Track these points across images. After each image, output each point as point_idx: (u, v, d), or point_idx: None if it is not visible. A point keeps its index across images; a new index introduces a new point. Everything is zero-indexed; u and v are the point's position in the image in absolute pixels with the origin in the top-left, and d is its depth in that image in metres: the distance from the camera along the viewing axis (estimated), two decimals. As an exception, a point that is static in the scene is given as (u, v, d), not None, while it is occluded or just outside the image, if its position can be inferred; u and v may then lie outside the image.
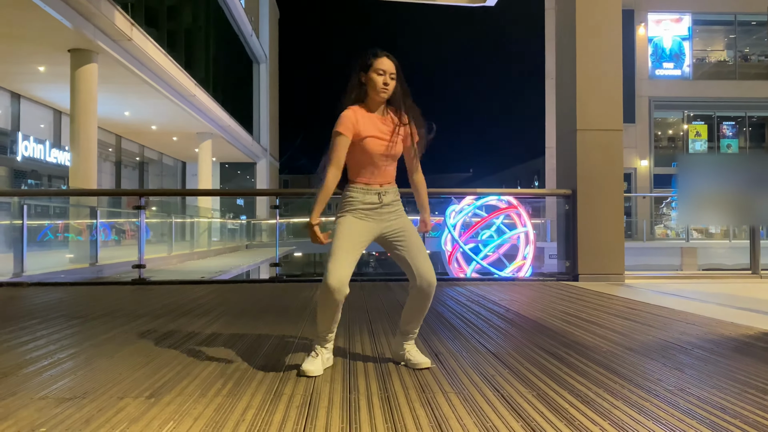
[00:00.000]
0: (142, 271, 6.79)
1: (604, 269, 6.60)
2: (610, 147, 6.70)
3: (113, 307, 4.70)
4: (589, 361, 2.83)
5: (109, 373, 2.61)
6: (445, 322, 3.96)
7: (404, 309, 2.78)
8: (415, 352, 2.74)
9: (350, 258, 2.57)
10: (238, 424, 1.95)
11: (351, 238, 2.61)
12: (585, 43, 6.74)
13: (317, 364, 2.59)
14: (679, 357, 2.92)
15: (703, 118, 27.69)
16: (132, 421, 1.97)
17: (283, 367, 2.71)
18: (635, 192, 26.56)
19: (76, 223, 12.99)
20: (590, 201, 6.64)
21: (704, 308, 4.67)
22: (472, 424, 1.94)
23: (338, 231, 2.62)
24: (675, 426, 1.93)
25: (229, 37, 28.12)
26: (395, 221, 2.72)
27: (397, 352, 2.79)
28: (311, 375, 2.53)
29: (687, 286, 6.42)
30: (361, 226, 2.65)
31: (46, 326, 3.81)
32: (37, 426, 1.93)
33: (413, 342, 2.79)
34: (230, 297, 5.41)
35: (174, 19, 19.24)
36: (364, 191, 2.67)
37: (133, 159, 25.50)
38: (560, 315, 4.24)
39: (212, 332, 3.59)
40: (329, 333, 2.66)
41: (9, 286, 6.68)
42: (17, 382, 2.48)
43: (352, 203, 2.66)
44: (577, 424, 1.93)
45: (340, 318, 2.66)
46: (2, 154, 15.63)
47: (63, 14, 10.89)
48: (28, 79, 15.09)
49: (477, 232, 9.57)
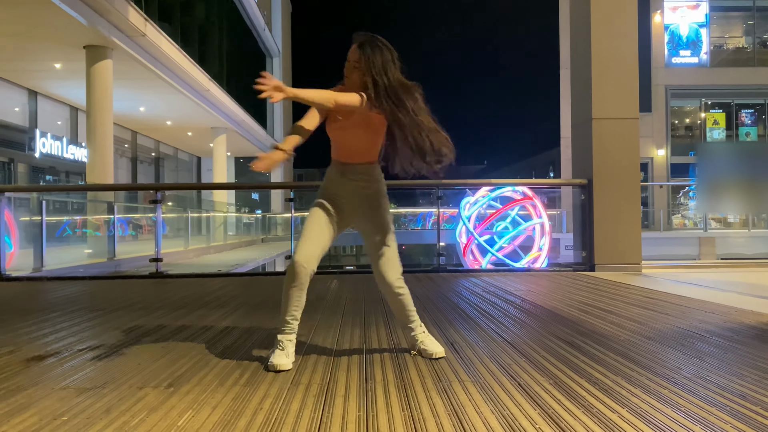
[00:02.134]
0: (159, 264, 6.85)
1: (620, 259, 6.55)
2: (626, 136, 6.64)
3: (131, 300, 4.75)
4: (606, 349, 2.81)
5: (129, 363, 2.64)
6: (461, 312, 3.96)
7: (390, 305, 2.77)
8: (429, 341, 2.71)
9: (318, 237, 2.60)
10: (256, 412, 1.97)
11: (320, 217, 2.63)
12: (600, 29, 6.66)
13: (284, 357, 2.53)
14: (698, 345, 2.89)
15: (721, 106, 27.32)
16: (151, 410, 1.99)
17: (299, 357, 2.72)
18: (652, 181, 26.29)
19: (93, 218, 13.13)
20: (606, 190, 6.59)
21: (723, 297, 4.62)
22: (489, 412, 1.94)
23: (310, 212, 2.67)
24: (694, 413, 1.91)
25: (242, 31, 28.17)
26: (367, 206, 2.69)
27: (412, 343, 2.77)
28: (282, 369, 2.46)
29: (705, 275, 6.35)
30: (330, 207, 2.66)
31: (66, 319, 3.86)
32: (58, 415, 1.96)
33: (424, 331, 2.76)
34: (246, 290, 5.45)
35: (187, 14, 19.30)
36: (334, 168, 2.72)
37: (148, 154, 25.70)
38: (577, 304, 4.22)
39: (229, 324, 3.61)
40: (294, 320, 2.61)
41: (29, 280, 6.78)
42: (39, 372, 2.52)
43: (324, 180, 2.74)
44: (595, 412, 1.92)
45: (304, 304, 2.63)
46: (21, 151, 15.83)
47: (78, 11, 10.97)
48: (44, 76, 15.25)
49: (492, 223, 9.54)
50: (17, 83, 15.90)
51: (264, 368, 2.52)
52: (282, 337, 2.60)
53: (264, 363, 2.60)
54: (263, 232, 29.10)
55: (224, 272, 9.38)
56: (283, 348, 2.57)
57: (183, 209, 18.84)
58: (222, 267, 15.13)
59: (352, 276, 6.40)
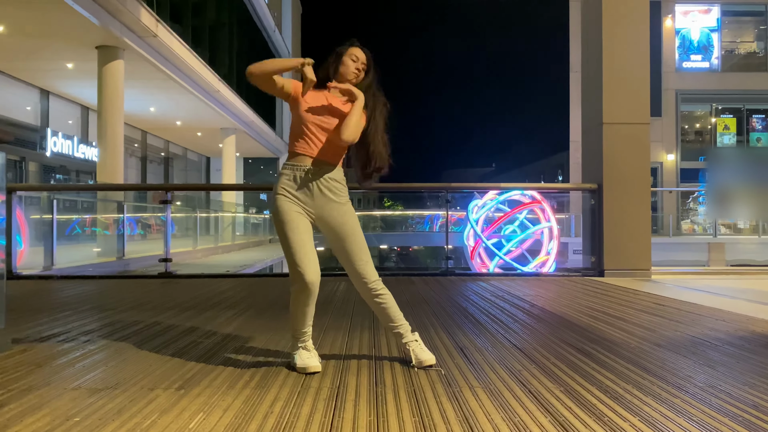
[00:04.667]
0: (169, 264, 6.88)
1: (630, 264, 6.52)
2: (636, 140, 6.61)
3: (141, 300, 4.77)
4: (616, 356, 2.80)
5: (140, 364, 2.66)
6: (470, 316, 3.95)
7: (374, 312, 2.72)
8: (419, 350, 2.63)
9: (311, 247, 2.56)
10: (266, 416, 1.97)
11: (298, 226, 2.54)
12: (611, 33, 6.64)
13: (315, 359, 2.56)
14: (709, 353, 2.87)
15: (731, 111, 27.11)
16: (163, 412, 2.00)
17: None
18: (661, 186, 26.13)
19: (103, 217, 13.21)
20: (616, 195, 6.56)
21: (734, 304, 4.59)
22: (500, 419, 1.94)
23: (282, 222, 2.55)
24: (707, 423, 1.90)
25: (252, 32, 28.26)
26: (334, 208, 2.61)
27: (407, 353, 2.67)
28: (315, 371, 2.49)
29: (715, 282, 6.31)
30: (298, 209, 2.58)
31: (76, 318, 3.88)
32: (71, 415, 1.97)
33: (414, 339, 2.66)
34: (255, 290, 5.46)
35: (198, 15, 19.38)
36: (293, 167, 2.59)
37: (158, 154, 25.82)
38: (586, 310, 4.20)
39: (238, 325, 3.62)
40: (310, 327, 2.64)
41: (40, 279, 6.82)
42: (51, 372, 2.54)
43: (283, 179, 2.60)
44: (607, 420, 1.92)
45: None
46: (32, 150, 15.93)
47: (90, 11, 11.05)
48: (56, 75, 15.36)
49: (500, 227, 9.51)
50: (30, 82, 16.02)
51: (291, 370, 2.55)
52: (302, 344, 2.62)
53: (275, 365, 2.61)
54: (271, 233, 29.13)
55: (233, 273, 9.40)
56: (309, 349, 2.60)
57: (192, 209, 18.89)
58: (230, 267, 15.17)
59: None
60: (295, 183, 2.58)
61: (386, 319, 2.68)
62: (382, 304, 2.64)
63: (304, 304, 2.55)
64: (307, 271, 2.49)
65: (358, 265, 2.61)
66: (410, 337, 2.67)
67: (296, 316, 2.60)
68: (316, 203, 2.60)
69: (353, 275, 2.63)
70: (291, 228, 2.54)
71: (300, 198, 2.58)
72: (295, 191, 2.58)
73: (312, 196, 2.59)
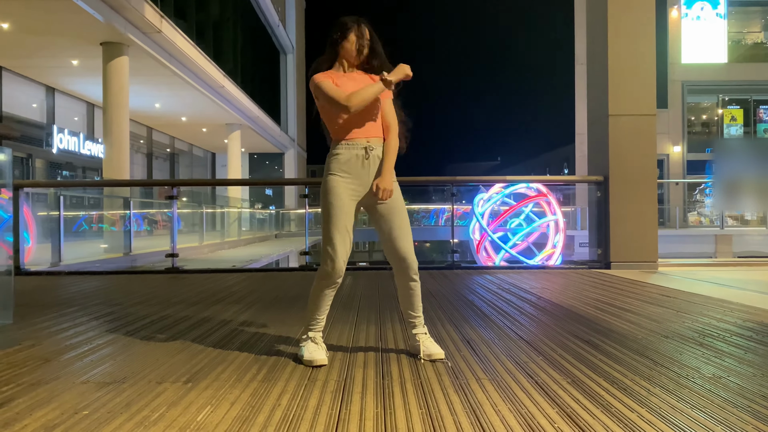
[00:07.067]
0: (175, 260, 6.90)
1: (636, 257, 6.50)
2: (643, 132, 6.58)
3: (148, 295, 4.79)
4: (624, 348, 2.79)
5: (147, 358, 2.67)
6: (477, 309, 3.95)
7: (399, 296, 2.73)
8: (429, 343, 2.65)
9: (348, 235, 2.58)
10: (274, 408, 1.98)
11: (342, 210, 2.56)
12: (617, 24, 6.60)
13: (322, 352, 2.57)
14: (717, 344, 2.86)
15: (738, 102, 26.95)
16: (171, 405, 2.01)
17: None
18: (667, 178, 26.01)
19: (109, 213, 13.26)
20: (623, 187, 6.53)
21: (741, 296, 4.57)
22: (508, 410, 1.94)
23: (329, 205, 2.57)
24: (715, 413, 1.89)
25: (256, 27, 28.24)
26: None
27: (414, 345, 2.68)
28: (322, 364, 2.50)
29: (723, 273, 6.29)
30: (349, 192, 2.58)
31: (84, 313, 3.90)
32: (80, 409, 1.99)
33: (425, 332, 2.68)
34: (261, 285, 5.47)
35: (202, 11, 19.38)
36: (350, 146, 2.60)
37: (163, 150, 25.87)
38: (593, 302, 4.19)
39: (245, 319, 3.63)
40: (323, 316, 2.67)
41: (47, 275, 6.86)
42: (59, 366, 2.55)
43: (339, 160, 2.60)
44: (615, 411, 1.91)
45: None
46: (39, 147, 15.99)
47: (95, 8, 11.07)
48: (62, 72, 15.40)
49: (506, 220, 9.49)
50: (35, 80, 16.07)
51: (298, 363, 2.55)
52: (313, 334, 2.64)
53: (282, 358, 2.61)
54: (277, 228, 29.20)
55: (239, 268, 9.43)
56: (317, 342, 2.61)
57: (198, 205, 18.93)
58: (236, 262, 15.21)
59: (366, 273, 6.41)
60: (349, 163, 2.60)
61: (408, 306, 2.69)
62: (412, 290, 2.66)
63: (326, 287, 2.59)
64: (339, 257, 2.54)
65: (402, 243, 2.61)
66: (422, 329, 2.69)
67: (314, 301, 2.63)
68: (372, 181, 2.60)
69: (394, 253, 2.63)
70: (337, 211, 2.57)
71: (354, 176, 2.59)
72: (349, 171, 2.59)
73: (369, 173, 2.60)
